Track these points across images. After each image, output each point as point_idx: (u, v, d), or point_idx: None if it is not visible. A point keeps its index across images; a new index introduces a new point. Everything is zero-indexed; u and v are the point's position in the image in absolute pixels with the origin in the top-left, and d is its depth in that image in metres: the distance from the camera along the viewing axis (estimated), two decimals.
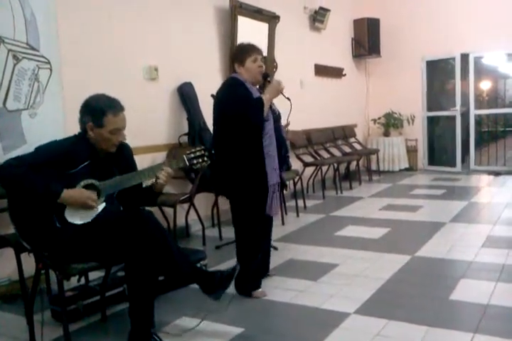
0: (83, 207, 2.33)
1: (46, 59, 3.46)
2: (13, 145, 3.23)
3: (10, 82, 3.25)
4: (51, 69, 3.50)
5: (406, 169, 8.54)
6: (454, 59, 8.00)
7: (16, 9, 3.25)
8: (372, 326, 2.61)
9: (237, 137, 2.95)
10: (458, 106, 8.01)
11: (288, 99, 3.07)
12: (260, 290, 3.13)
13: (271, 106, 3.06)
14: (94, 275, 3.05)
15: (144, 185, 2.59)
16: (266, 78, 3.09)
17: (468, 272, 3.40)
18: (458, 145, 8.10)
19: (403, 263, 3.61)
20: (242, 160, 2.97)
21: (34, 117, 3.39)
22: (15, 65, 3.27)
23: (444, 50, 8.05)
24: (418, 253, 3.85)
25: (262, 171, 2.98)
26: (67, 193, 2.28)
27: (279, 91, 3.01)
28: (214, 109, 3.11)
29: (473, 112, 8.15)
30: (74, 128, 2.54)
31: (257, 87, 3.12)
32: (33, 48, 3.38)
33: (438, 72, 8.22)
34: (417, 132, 8.58)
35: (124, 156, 2.58)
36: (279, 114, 3.22)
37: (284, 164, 3.25)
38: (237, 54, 3.08)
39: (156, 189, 2.55)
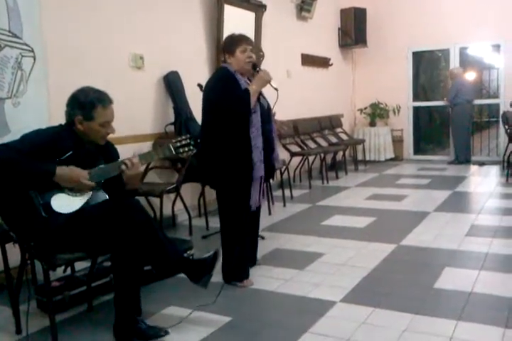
0: (76, 185, 2.31)
1: (29, 47, 3.40)
2: None
3: None
4: (35, 58, 3.44)
5: (392, 159, 8.60)
6: (438, 50, 8.03)
7: None
8: (358, 314, 2.64)
9: (224, 128, 2.95)
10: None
11: (276, 89, 3.03)
12: (248, 279, 3.14)
13: (259, 99, 3.04)
14: (81, 265, 3.05)
15: None
16: (255, 68, 3.08)
17: (452, 260, 3.44)
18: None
19: (388, 252, 3.65)
20: (229, 151, 2.97)
21: (17, 106, 3.33)
22: None
23: (430, 41, 8.08)
24: (403, 242, 3.89)
25: (249, 163, 2.98)
26: (60, 170, 2.28)
27: (267, 81, 3.00)
28: (203, 98, 3.09)
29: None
30: (58, 117, 2.51)
31: (246, 78, 3.09)
32: (15, 36, 3.31)
33: (424, 62, 8.25)
34: (403, 122, 8.63)
35: (109, 157, 2.54)
36: (268, 111, 3.13)
37: (271, 168, 3.18)
38: (227, 44, 3.09)
39: (124, 178, 2.50)
